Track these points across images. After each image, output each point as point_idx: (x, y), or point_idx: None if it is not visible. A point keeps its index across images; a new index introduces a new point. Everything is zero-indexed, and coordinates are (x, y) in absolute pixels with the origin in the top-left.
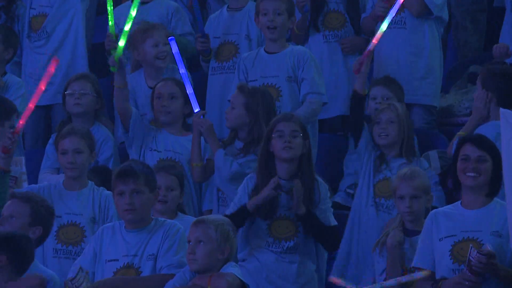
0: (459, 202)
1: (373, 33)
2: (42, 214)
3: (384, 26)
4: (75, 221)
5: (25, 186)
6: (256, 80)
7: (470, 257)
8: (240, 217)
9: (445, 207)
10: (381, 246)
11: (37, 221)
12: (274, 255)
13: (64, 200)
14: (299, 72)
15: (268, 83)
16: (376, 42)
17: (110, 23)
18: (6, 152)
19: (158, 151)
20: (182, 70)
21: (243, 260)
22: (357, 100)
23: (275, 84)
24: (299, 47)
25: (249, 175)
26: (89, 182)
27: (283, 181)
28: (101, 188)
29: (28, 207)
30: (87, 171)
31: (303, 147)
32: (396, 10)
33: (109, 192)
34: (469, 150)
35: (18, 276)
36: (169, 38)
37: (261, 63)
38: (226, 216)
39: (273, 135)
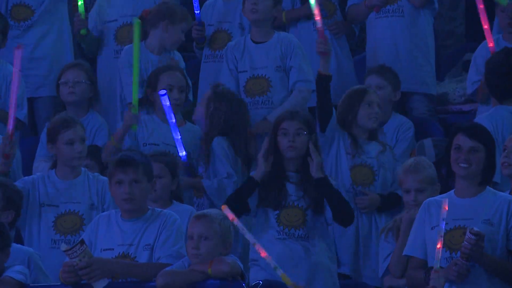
0: (453, 191)
1: (360, 21)
2: (13, 198)
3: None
4: (73, 210)
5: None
6: (246, 71)
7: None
8: (249, 188)
9: (439, 196)
10: (387, 232)
11: (9, 205)
12: (284, 243)
13: (60, 189)
14: (287, 60)
15: (257, 74)
16: None
17: (79, 2)
18: (6, 157)
19: (152, 144)
20: (172, 120)
21: (255, 260)
22: (323, 81)
23: (265, 75)
24: (285, 34)
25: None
26: (82, 169)
27: (291, 173)
28: (96, 174)
29: (0, 192)
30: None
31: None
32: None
33: (105, 178)
34: (462, 140)
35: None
36: (160, 93)
37: (250, 54)
38: (231, 194)
39: (278, 132)
